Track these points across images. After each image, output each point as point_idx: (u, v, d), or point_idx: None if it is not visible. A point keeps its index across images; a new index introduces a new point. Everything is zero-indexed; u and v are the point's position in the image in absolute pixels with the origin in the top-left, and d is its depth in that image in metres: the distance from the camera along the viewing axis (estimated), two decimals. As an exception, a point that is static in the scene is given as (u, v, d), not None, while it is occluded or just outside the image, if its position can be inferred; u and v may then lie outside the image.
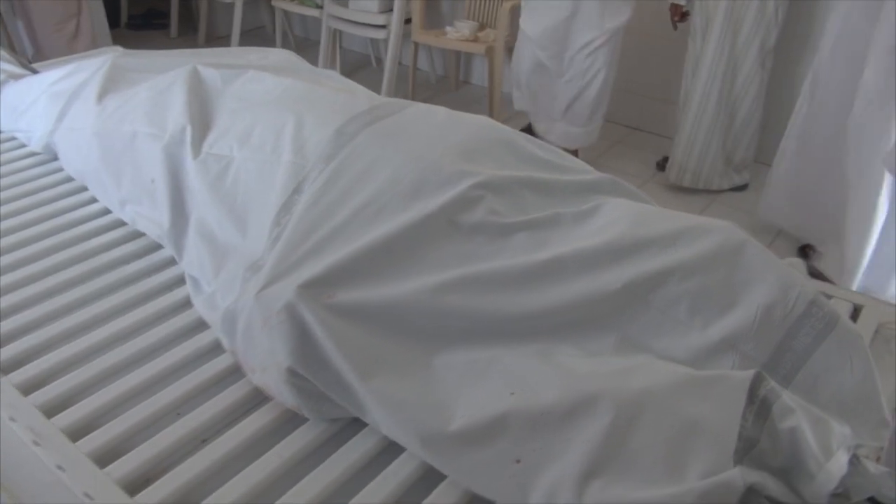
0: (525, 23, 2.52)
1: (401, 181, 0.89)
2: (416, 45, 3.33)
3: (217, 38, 4.18)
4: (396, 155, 0.93)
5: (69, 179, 1.35)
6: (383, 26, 3.31)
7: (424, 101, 1.13)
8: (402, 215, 0.86)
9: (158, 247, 1.12)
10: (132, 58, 1.34)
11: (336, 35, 3.60)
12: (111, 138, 1.17)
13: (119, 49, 1.40)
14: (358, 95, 1.11)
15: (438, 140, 0.96)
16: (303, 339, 0.78)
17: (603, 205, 0.91)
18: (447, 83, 3.71)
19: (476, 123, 1.02)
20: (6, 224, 1.17)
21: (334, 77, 1.36)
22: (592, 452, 0.67)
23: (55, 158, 1.42)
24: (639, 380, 0.71)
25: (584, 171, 1.00)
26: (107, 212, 1.24)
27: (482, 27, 3.28)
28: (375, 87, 3.47)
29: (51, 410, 0.84)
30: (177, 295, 1.03)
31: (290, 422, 0.83)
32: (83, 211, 1.24)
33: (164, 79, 1.20)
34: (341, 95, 1.10)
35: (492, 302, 0.80)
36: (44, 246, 1.13)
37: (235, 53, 1.44)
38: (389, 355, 0.78)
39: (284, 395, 0.82)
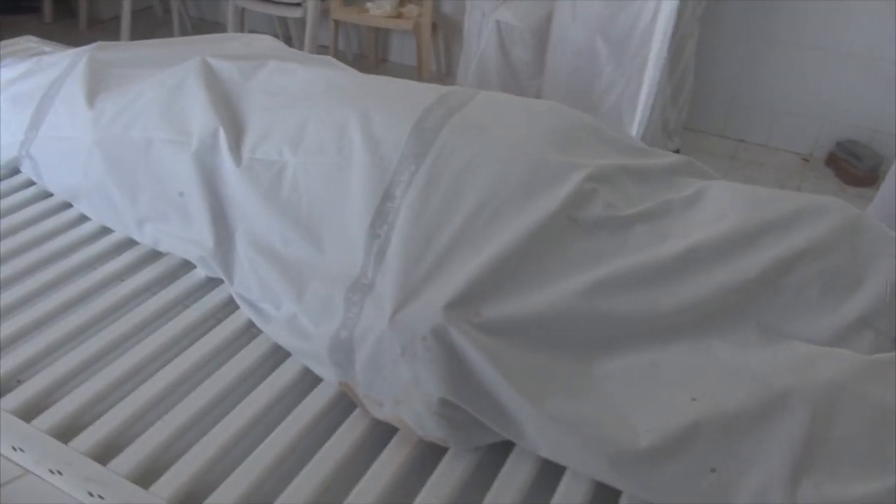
0: None
1: (509, 179, 0.82)
2: (337, 23, 3.17)
3: (101, 23, 3.79)
4: (494, 151, 0.85)
5: (43, 196, 1.16)
6: (298, 4, 3.12)
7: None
8: (521, 217, 0.79)
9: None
10: (108, 51, 1.16)
11: (242, 15, 3.36)
12: (118, 148, 1.00)
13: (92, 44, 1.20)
14: (412, 85, 1.01)
15: (528, 130, 0.89)
16: (456, 366, 0.70)
17: (706, 189, 0.88)
18: (365, 62, 3.57)
19: (553, 109, 0.96)
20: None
21: (336, 63, 1.24)
22: (796, 452, 0.65)
23: (15, 172, 1.22)
24: (822, 372, 0.69)
25: (660, 154, 0.97)
26: (103, 232, 1.08)
27: (403, 2, 3.17)
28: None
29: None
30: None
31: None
32: (75, 233, 1.07)
33: (170, 75, 1.04)
34: (394, 85, 1.00)
35: (638, 301, 0.75)
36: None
37: (218, 41, 1.28)
38: (551, 372, 0.71)
39: (428, 428, 0.73)
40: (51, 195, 1.17)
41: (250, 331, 0.92)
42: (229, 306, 0.96)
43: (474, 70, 2.56)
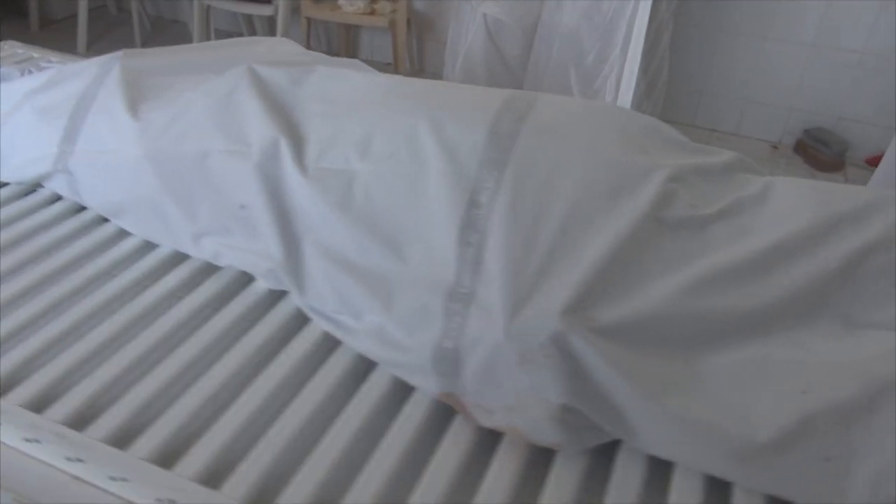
0: None
1: (595, 183, 0.83)
2: (309, 20, 3.12)
3: (53, 23, 3.63)
4: (574, 155, 0.86)
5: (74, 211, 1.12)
6: (269, 1, 3.06)
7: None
8: (614, 221, 0.80)
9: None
10: (137, 59, 1.12)
11: (208, 13, 3.27)
12: (171, 161, 0.97)
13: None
14: (470, 89, 1.01)
15: (600, 132, 0.90)
16: (576, 371, 0.71)
17: (771, 185, 0.91)
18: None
19: (612, 109, 0.97)
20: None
21: (365, 66, 1.23)
22: None
23: (31, 190, 1.17)
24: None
25: (715, 151, 0.99)
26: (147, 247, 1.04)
27: (378, -2, 3.14)
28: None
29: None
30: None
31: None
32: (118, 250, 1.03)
33: (218, 84, 1.01)
34: (454, 90, 1.00)
35: (733, 298, 0.77)
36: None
37: (241, 45, 1.24)
38: (665, 371, 0.73)
39: (544, 434, 0.74)
40: (81, 210, 1.13)
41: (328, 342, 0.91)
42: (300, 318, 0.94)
43: (461, 64, 2.56)
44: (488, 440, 0.78)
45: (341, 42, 3.45)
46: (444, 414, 0.81)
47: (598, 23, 2.18)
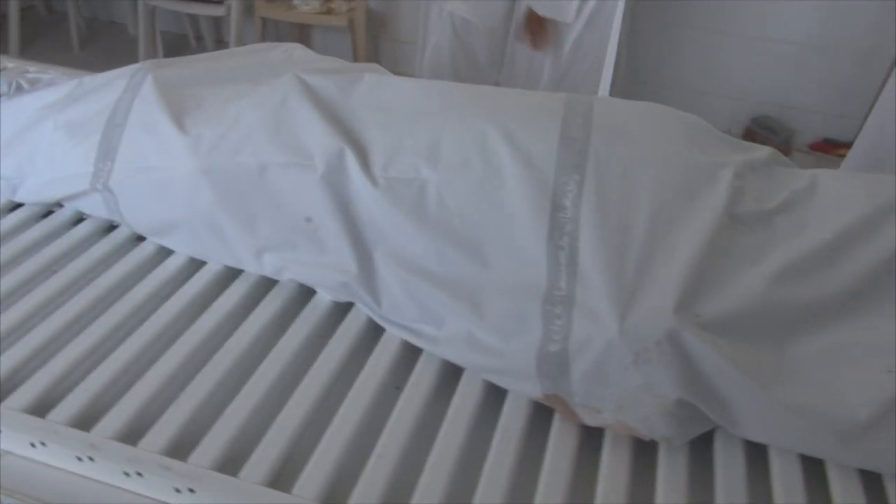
0: None
1: (671, 183, 0.86)
2: (264, 20, 3.04)
3: (-22, 25, 3.40)
4: (648, 155, 0.88)
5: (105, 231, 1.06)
6: (220, 2, 2.97)
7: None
8: (696, 219, 0.83)
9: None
10: (165, 70, 1.07)
11: (153, 14, 3.15)
12: (228, 175, 0.94)
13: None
14: (525, 93, 1.02)
15: (664, 132, 0.93)
16: (689, 366, 0.74)
17: (817, 177, 0.96)
18: (288, 60, 3.45)
19: (663, 109, 1.00)
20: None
21: (383, 70, 1.22)
22: None
23: (47, 211, 1.11)
24: None
25: (754, 147, 1.04)
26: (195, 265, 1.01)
27: (329, -3, 3.09)
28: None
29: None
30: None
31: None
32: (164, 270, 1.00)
33: (266, 95, 0.99)
34: (510, 95, 1.00)
35: (812, 286, 0.82)
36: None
37: (261, 51, 1.21)
38: (766, 361, 0.77)
39: (657, 429, 0.76)
40: (112, 229, 1.08)
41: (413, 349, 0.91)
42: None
43: (428, 63, 2.55)
44: (594, 438, 0.80)
45: (297, 39, 3.38)
46: (543, 416, 0.83)
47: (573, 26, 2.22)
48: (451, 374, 0.88)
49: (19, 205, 1.13)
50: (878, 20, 2.67)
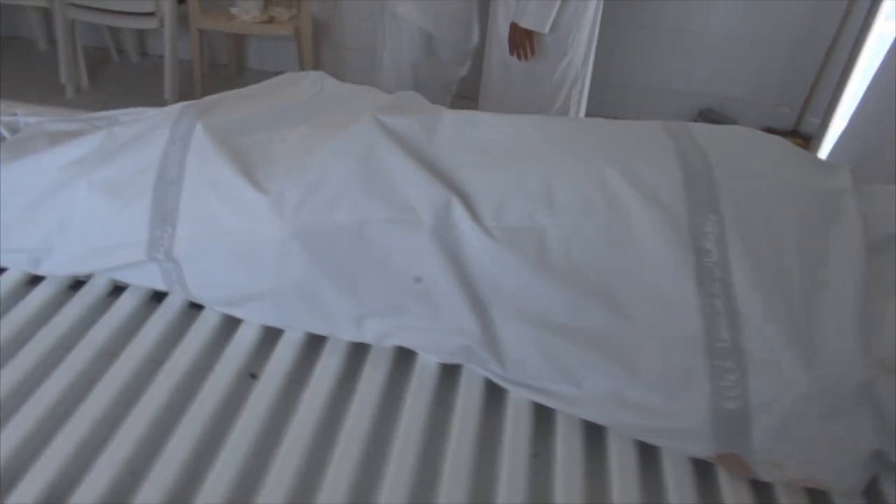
0: None
1: (809, 217, 0.82)
2: (201, 32, 2.83)
3: None
4: (774, 188, 0.84)
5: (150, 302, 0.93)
6: (151, 13, 2.74)
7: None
8: (839, 253, 0.80)
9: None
10: (211, 115, 0.94)
11: (73, 29, 2.87)
12: (323, 236, 0.83)
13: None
14: (615, 123, 0.96)
15: (772, 159, 0.90)
16: (882, 414, 0.71)
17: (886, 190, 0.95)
18: (224, 71, 3.25)
19: (752, 132, 0.97)
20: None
21: (377, 90, 1.12)
22: None
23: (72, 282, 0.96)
24: None
25: (832, 167, 1.03)
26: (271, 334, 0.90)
27: (267, 5, 2.92)
28: (128, 85, 2.91)
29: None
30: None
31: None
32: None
33: (348, 142, 0.88)
34: (603, 126, 0.95)
35: None
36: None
37: (291, 82, 1.10)
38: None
39: (847, 480, 0.73)
40: (160, 298, 0.94)
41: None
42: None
43: (387, 67, 2.42)
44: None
45: (229, 52, 3.19)
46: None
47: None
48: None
49: (38, 277, 0.97)
50: (808, 10, 2.80)
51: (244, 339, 0.89)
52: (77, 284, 0.97)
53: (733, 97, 3.09)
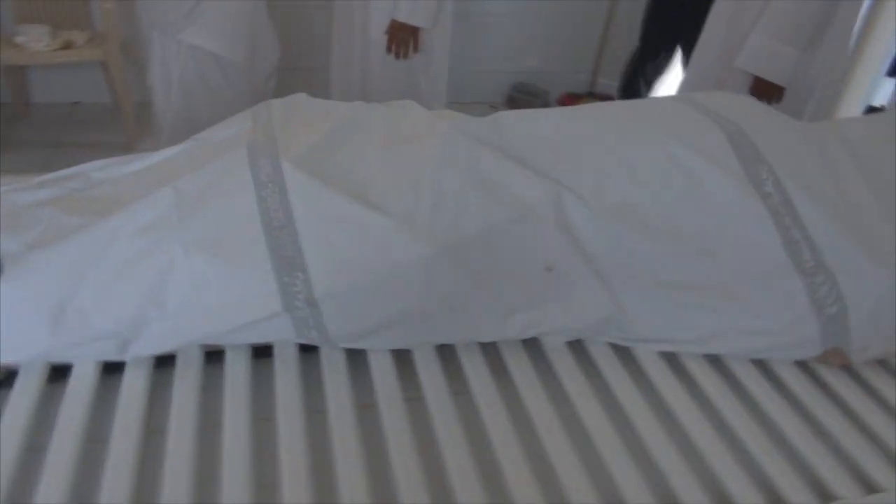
0: None
1: (812, 152, 1.01)
2: (-6, 67, 2.42)
3: None
4: (785, 135, 1.03)
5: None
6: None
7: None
8: (835, 169, 1.01)
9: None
10: (292, 148, 0.89)
11: None
12: (461, 246, 0.85)
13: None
14: (637, 104, 1.10)
15: (752, 114, 1.07)
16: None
17: None
18: (8, 110, 2.80)
19: (741, 97, 1.16)
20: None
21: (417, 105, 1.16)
22: None
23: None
24: None
25: None
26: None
27: (57, 31, 2.57)
28: None
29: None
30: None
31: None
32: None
33: (441, 152, 0.91)
34: (632, 108, 1.07)
35: None
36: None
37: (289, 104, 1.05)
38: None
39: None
40: (265, 353, 0.88)
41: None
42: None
43: (176, 102, 1.95)
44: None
45: (13, 84, 2.75)
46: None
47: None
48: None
49: (114, 364, 0.85)
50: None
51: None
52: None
53: (538, 70, 3.40)
